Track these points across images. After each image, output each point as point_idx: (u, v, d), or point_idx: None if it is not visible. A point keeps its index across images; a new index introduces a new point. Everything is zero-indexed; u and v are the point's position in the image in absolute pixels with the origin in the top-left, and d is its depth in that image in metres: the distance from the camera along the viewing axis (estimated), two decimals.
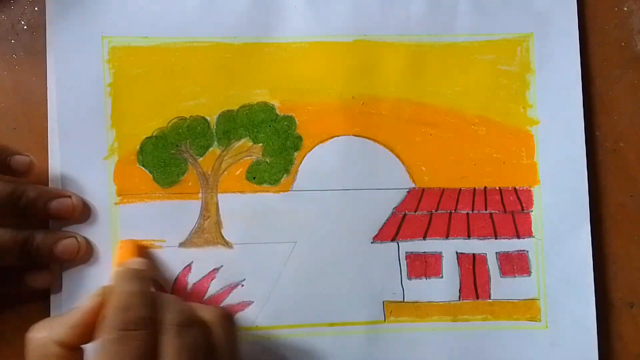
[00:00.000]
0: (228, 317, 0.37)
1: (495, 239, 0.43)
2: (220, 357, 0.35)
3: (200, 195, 0.42)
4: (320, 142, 0.43)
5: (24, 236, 0.38)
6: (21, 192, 0.38)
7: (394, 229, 0.43)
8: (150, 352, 0.32)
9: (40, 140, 0.41)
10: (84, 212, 0.41)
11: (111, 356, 0.31)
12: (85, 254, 0.41)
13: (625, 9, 0.45)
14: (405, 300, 0.43)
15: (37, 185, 0.40)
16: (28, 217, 0.39)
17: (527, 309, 0.43)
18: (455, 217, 0.43)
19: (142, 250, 0.41)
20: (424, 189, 0.43)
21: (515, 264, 0.43)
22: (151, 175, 0.42)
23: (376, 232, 0.43)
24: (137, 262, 0.38)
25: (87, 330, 0.34)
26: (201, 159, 0.42)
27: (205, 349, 0.34)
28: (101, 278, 0.41)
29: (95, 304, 0.34)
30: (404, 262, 0.43)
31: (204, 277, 0.42)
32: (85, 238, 0.41)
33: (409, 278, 0.43)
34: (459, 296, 0.43)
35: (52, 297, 0.40)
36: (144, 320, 0.33)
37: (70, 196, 0.40)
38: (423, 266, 0.43)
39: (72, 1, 0.41)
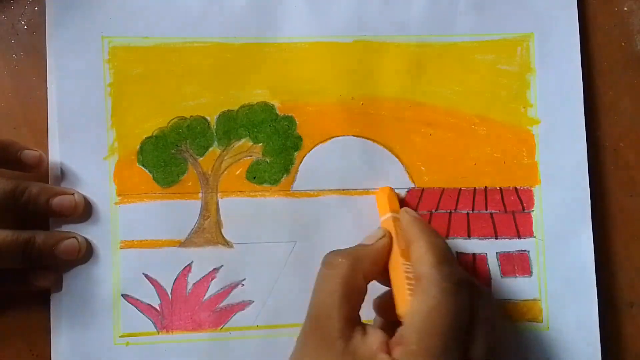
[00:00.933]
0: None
1: (496, 239, 0.43)
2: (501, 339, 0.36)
3: (200, 195, 0.42)
4: (320, 142, 0.43)
5: (25, 238, 0.38)
6: (23, 188, 0.38)
7: None
8: (470, 314, 0.33)
9: (41, 140, 0.41)
10: (85, 210, 0.41)
11: (445, 308, 0.32)
12: (86, 254, 0.41)
13: (625, 9, 0.45)
14: None
15: (39, 183, 0.40)
16: (30, 214, 0.39)
17: (528, 309, 0.43)
18: (455, 217, 0.43)
19: (400, 201, 0.43)
20: (423, 189, 0.43)
21: (516, 264, 0.43)
22: (151, 175, 0.42)
23: None
24: (411, 210, 0.40)
25: (382, 268, 0.36)
26: (201, 158, 0.42)
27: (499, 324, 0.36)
28: (101, 278, 0.41)
29: (387, 243, 0.37)
30: None
31: (204, 276, 0.42)
32: (85, 238, 0.41)
33: None
34: None
35: (52, 297, 0.41)
36: (468, 279, 0.34)
37: (72, 194, 0.40)
38: None
39: (72, 1, 0.42)
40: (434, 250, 0.34)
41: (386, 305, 0.37)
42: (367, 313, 0.37)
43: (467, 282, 0.34)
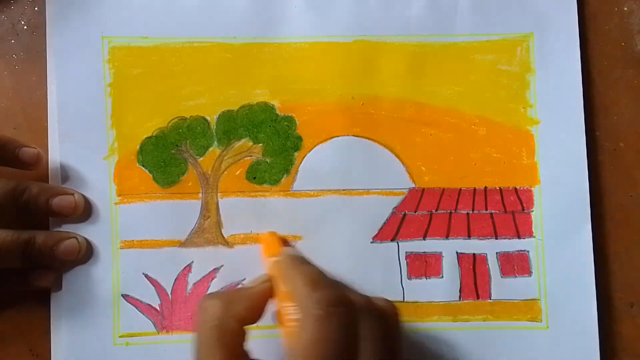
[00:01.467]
0: (395, 310, 0.36)
1: (496, 239, 0.43)
2: (398, 349, 0.34)
3: (200, 195, 0.42)
4: (320, 142, 0.43)
5: (25, 238, 0.38)
6: (24, 188, 0.38)
7: (394, 229, 0.43)
8: (352, 331, 0.32)
9: (41, 140, 0.41)
10: (85, 211, 0.41)
11: (319, 331, 0.31)
12: (86, 254, 0.41)
13: (625, 9, 0.45)
14: (405, 300, 0.42)
15: (39, 182, 0.40)
16: (30, 214, 0.39)
17: (528, 309, 0.43)
18: (456, 217, 0.43)
19: (286, 243, 0.42)
20: (424, 189, 0.43)
21: (516, 264, 0.43)
22: (151, 175, 0.42)
23: (376, 232, 0.43)
24: (293, 250, 0.39)
25: (261, 311, 0.35)
26: (201, 159, 0.42)
27: (392, 335, 0.34)
28: (101, 277, 0.41)
29: (267, 287, 0.35)
30: (404, 262, 0.43)
31: (204, 276, 0.42)
32: (85, 238, 0.41)
33: (409, 278, 0.43)
34: (459, 296, 0.43)
35: (52, 297, 0.41)
36: (342, 299, 0.32)
37: (73, 194, 0.40)
38: (423, 266, 0.43)
39: (72, 1, 0.42)
40: (305, 280, 0.33)
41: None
42: None
43: (341, 303, 0.32)
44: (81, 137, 0.41)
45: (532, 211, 0.43)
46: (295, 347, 0.31)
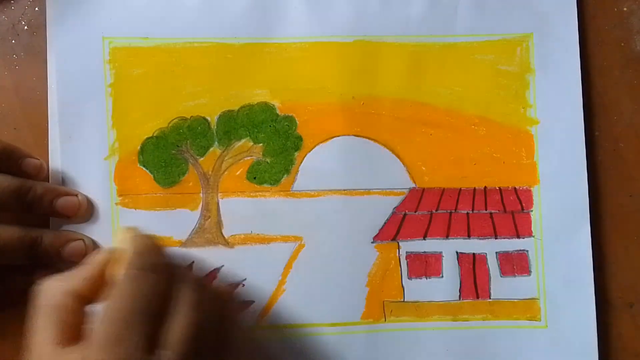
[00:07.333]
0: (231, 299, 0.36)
1: (495, 238, 0.43)
2: (227, 331, 0.34)
3: (200, 195, 0.42)
4: (321, 142, 0.43)
5: (32, 236, 0.38)
6: (28, 187, 0.38)
7: (394, 228, 0.43)
8: (162, 298, 0.32)
9: (41, 140, 0.41)
10: (86, 211, 0.41)
11: (126, 293, 0.31)
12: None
13: (625, 9, 0.45)
14: (405, 300, 0.43)
15: (43, 183, 0.40)
16: (33, 213, 0.39)
17: (527, 308, 0.43)
18: (456, 216, 0.43)
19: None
20: (424, 189, 0.43)
21: (515, 264, 0.43)
22: (152, 176, 0.42)
23: (376, 232, 0.43)
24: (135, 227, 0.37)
25: (99, 285, 0.33)
26: (202, 159, 0.42)
27: (216, 316, 0.34)
28: None
29: (105, 259, 0.34)
30: (404, 262, 0.43)
31: (204, 277, 0.42)
32: (92, 240, 0.41)
33: (409, 278, 0.43)
34: (459, 296, 0.43)
35: None
36: (162, 266, 0.33)
37: (76, 195, 0.40)
38: (423, 266, 0.43)
39: (73, 2, 0.41)
40: (130, 245, 0.33)
41: None
42: None
43: (158, 267, 0.33)
44: (82, 138, 0.41)
45: (532, 211, 0.43)
46: (106, 304, 0.31)
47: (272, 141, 0.43)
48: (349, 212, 0.42)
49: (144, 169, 0.42)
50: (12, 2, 0.42)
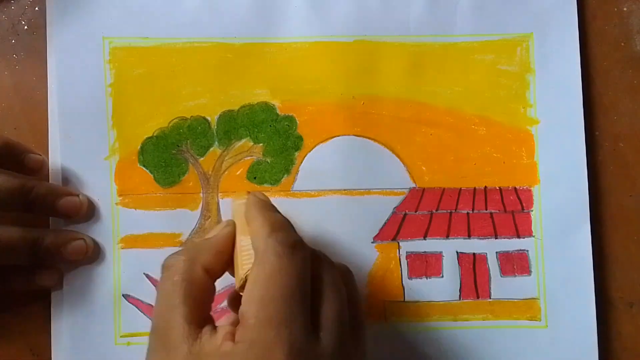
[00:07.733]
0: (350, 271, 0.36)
1: (496, 238, 0.43)
2: (358, 302, 0.34)
3: (201, 195, 0.42)
4: (321, 142, 0.43)
5: (34, 236, 0.38)
6: (31, 186, 0.38)
7: (394, 228, 0.43)
8: (314, 273, 0.31)
9: (41, 140, 0.41)
10: (88, 212, 0.41)
11: (284, 270, 0.29)
12: (92, 256, 0.41)
13: (625, 9, 0.45)
14: (405, 300, 0.43)
15: (45, 182, 0.40)
16: (35, 212, 0.39)
17: (528, 308, 0.43)
18: (456, 216, 0.43)
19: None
20: (424, 189, 0.43)
21: (516, 264, 0.43)
22: (152, 175, 0.42)
23: (377, 232, 0.43)
24: (261, 194, 0.36)
25: (228, 259, 0.33)
26: (202, 159, 0.42)
27: (352, 288, 0.33)
28: (102, 277, 0.41)
29: (229, 231, 0.33)
30: (404, 262, 0.43)
31: None
32: (93, 239, 0.41)
33: (410, 278, 0.43)
34: (459, 296, 0.43)
35: (53, 296, 0.41)
36: (303, 245, 0.31)
37: (78, 195, 0.40)
38: (423, 266, 0.43)
39: (73, 1, 0.41)
40: (267, 222, 0.32)
41: (236, 295, 0.33)
42: None
43: (304, 246, 0.31)
44: (82, 138, 0.41)
45: (532, 211, 0.43)
46: (249, 283, 0.30)
47: (272, 141, 0.43)
48: (349, 212, 0.42)
49: (144, 168, 0.42)
50: (12, 2, 0.42)
